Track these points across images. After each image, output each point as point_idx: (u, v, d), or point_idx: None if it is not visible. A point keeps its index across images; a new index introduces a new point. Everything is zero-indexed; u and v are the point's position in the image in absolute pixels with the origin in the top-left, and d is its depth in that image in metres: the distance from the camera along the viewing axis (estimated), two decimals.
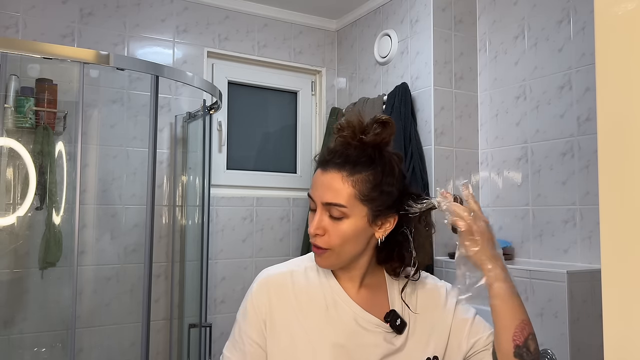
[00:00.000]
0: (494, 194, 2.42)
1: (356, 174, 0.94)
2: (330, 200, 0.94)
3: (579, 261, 2.03)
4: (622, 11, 0.50)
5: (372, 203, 0.95)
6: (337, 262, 0.99)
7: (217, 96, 2.35)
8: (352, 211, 0.94)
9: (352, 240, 0.96)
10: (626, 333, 0.49)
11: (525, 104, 2.29)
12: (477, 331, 1.03)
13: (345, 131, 0.97)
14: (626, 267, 0.49)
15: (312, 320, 0.99)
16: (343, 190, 0.94)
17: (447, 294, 1.07)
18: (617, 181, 0.50)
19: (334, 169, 0.95)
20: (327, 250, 0.96)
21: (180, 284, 2.62)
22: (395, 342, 0.99)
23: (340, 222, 0.95)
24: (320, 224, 0.96)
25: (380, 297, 1.04)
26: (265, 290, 1.02)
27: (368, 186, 0.94)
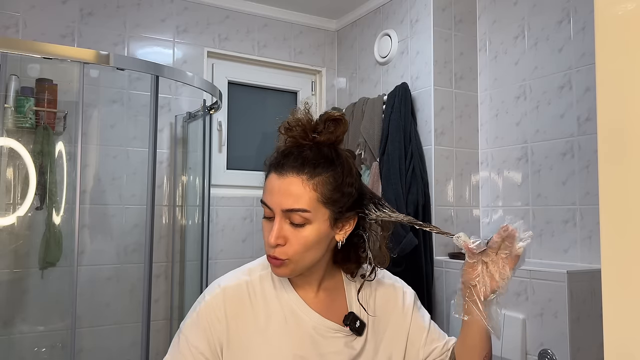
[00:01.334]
0: (494, 194, 2.42)
1: (316, 176, 0.89)
2: (291, 206, 0.88)
3: (579, 261, 2.02)
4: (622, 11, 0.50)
5: (334, 205, 0.90)
6: (295, 271, 0.93)
7: (217, 96, 2.35)
8: (315, 216, 0.89)
9: (314, 246, 0.90)
10: (626, 333, 0.49)
11: (525, 104, 2.29)
12: (434, 339, 1.04)
13: (295, 130, 0.92)
14: (626, 267, 0.49)
15: (271, 333, 0.94)
16: (304, 194, 0.88)
17: (404, 295, 1.06)
18: (617, 181, 0.50)
19: (291, 173, 0.89)
20: (286, 260, 0.90)
21: (180, 284, 2.62)
22: (356, 345, 0.97)
23: (302, 228, 0.89)
24: (280, 232, 0.89)
25: (338, 300, 1.01)
26: (221, 303, 0.94)
27: (329, 188, 0.89)
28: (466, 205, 2.46)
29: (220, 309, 0.94)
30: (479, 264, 0.88)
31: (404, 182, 2.31)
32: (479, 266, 0.88)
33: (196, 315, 0.95)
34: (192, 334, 0.94)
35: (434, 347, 1.03)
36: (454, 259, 2.27)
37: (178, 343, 0.95)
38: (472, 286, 0.88)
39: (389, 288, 1.06)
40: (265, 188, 0.94)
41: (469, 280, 0.89)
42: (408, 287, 1.09)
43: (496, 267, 0.87)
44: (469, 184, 2.48)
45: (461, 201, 2.45)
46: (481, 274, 0.88)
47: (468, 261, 0.90)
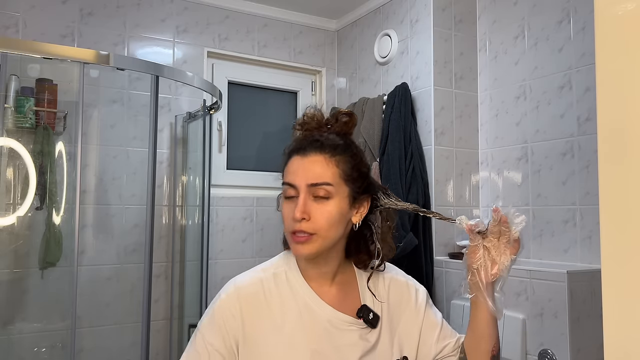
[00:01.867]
0: (494, 194, 2.42)
1: (337, 155, 0.96)
2: (317, 180, 0.94)
3: (579, 261, 2.02)
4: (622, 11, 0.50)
5: (353, 183, 0.97)
6: (321, 248, 0.96)
7: (217, 96, 2.35)
8: (337, 190, 0.95)
9: (336, 223, 0.95)
10: (626, 333, 0.49)
11: (525, 104, 2.29)
12: (446, 336, 1.07)
13: (310, 124, 1.02)
14: (626, 267, 0.49)
15: (287, 328, 0.96)
16: (327, 170, 0.95)
17: (417, 293, 1.09)
18: (617, 181, 0.50)
19: (314, 152, 0.96)
20: (313, 235, 0.94)
21: (180, 284, 2.62)
22: (370, 338, 1.00)
23: (326, 202, 0.94)
24: (305, 207, 0.93)
25: (351, 294, 1.03)
26: (236, 301, 0.97)
27: (349, 166, 0.97)
28: (466, 205, 2.46)
29: (235, 307, 0.96)
30: (480, 248, 0.93)
31: (404, 182, 2.31)
32: (481, 250, 0.93)
33: (212, 314, 0.98)
34: (208, 332, 0.96)
35: (446, 343, 1.05)
36: (454, 259, 2.27)
37: (195, 340, 0.97)
38: (475, 270, 0.93)
39: (402, 285, 1.09)
40: (287, 171, 0.99)
41: (471, 264, 0.94)
42: (420, 285, 1.12)
43: (498, 252, 0.92)
44: (469, 184, 2.48)
45: (461, 201, 2.45)
46: (483, 257, 0.92)
47: (470, 244, 0.94)
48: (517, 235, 0.92)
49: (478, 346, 1.00)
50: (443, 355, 1.05)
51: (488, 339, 0.99)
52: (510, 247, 0.92)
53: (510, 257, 0.91)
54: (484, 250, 0.93)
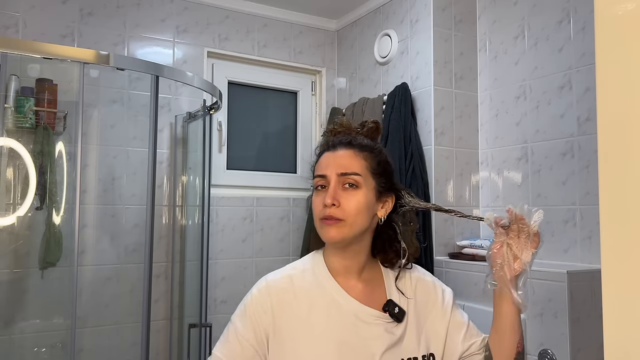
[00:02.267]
0: (494, 194, 2.42)
1: (364, 151, 1.05)
2: (346, 170, 1.01)
3: (579, 261, 2.02)
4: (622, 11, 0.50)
5: (379, 177, 1.04)
6: (349, 234, 1.01)
7: (217, 96, 2.35)
8: (364, 181, 1.02)
9: (363, 211, 1.01)
10: (626, 333, 0.49)
11: (525, 104, 2.29)
12: (472, 335, 1.09)
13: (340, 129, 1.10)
14: (626, 267, 0.49)
15: (315, 321, 1.00)
16: (356, 162, 1.03)
17: (443, 293, 1.12)
18: (617, 181, 0.50)
19: (343, 148, 1.05)
20: (341, 220, 0.99)
21: (180, 284, 2.62)
22: (396, 331, 1.02)
23: (355, 191, 1.01)
24: (335, 195, 1.00)
25: (377, 291, 1.07)
26: (267, 296, 1.02)
27: (375, 161, 1.05)
28: (466, 205, 2.46)
29: (266, 301, 1.02)
30: (504, 244, 0.98)
31: (404, 182, 2.31)
32: (504, 247, 0.98)
33: (244, 308, 1.04)
34: (240, 324, 1.02)
35: (472, 342, 1.08)
36: (454, 259, 2.27)
37: (228, 334, 1.03)
38: (500, 266, 0.98)
39: (429, 285, 1.12)
40: (318, 166, 1.07)
41: (495, 259, 0.99)
42: (447, 286, 1.15)
43: (519, 247, 0.97)
44: (469, 184, 2.48)
45: (461, 201, 2.45)
46: (505, 254, 0.98)
47: (494, 241, 1.00)
48: (536, 229, 0.96)
49: (502, 341, 1.02)
50: (470, 353, 1.07)
51: (512, 334, 1.01)
52: (531, 242, 0.96)
53: (531, 252, 0.96)
54: (506, 246, 0.97)
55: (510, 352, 1.01)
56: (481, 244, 2.21)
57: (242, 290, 1.12)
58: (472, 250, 2.24)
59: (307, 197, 2.98)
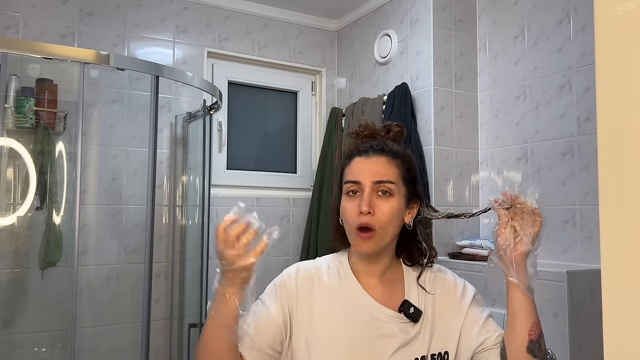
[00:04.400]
0: (494, 194, 2.42)
1: (396, 158, 1.07)
2: (381, 178, 1.03)
3: (579, 261, 2.02)
4: (622, 11, 0.50)
5: (409, 185, 1.07)
6: (380, 245, 1.03)
7: (217, 96, 2.35)
8: (397, 189, 1.04)
9: (395, 219, 1.03)
10: (626, 333, 0.49)
11: (525, 104, 2.29)
12: (488, 330, 1.06)
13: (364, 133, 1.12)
14: (626, 267, 0.49)
15: (332, 316, 1.04)
16: (390, 169, 1.04)
17: (464, 291, 1.11)
18: (617, 181, 0.50)
19: (376, 154, 1.06)
20: (374, 231, 1.01)
21: (180, 284, 2.62)
22: (411, 331, 1.03)
23: (389, 199, 1.03)
24: (370, 202, 1.01)
25: (396, 291, 1.08)
26: (294, 281, 1.07)
27: (406, 167, 1.07)
28: (466, 205, 2.46)
29: (293, 285, 1.07)
30: (507, 226, 0.97)
31: None
32: (507, 228, 0.97)
33: (274, 287, 1.08)
34: (268, 300, 1.06)
35: (487, 336, 1.05)
36: (454, 259, 2.27)
37: (256, 308, 1.05)
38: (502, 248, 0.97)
39: (449, 283, 1.12)
40: (350, 171, 1.07)
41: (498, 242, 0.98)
42: (470, 285, 1.14)
43: (523, 229, 0.96)
44: (468, 184, 2.48)
45: (461, 201, 2.45)
46: (509, 236, 0.97)
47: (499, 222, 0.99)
48: (532, 205, 0.95)
49: (513, 329, 0.99)
50: (484, 348, 1.05)
51: (523, 320, 0.98)
52: (533, 222, 0.96)
53: (533, 231, 0.95)
54: (510, 228, 0.97)
55: (522, 339, 0.97)
56: (481, 244, 2.21)
57: None
58: (472, 250, 2.24)
59: (308, 197, 2.98)
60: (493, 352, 1.03)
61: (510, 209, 0.97)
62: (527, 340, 0.97)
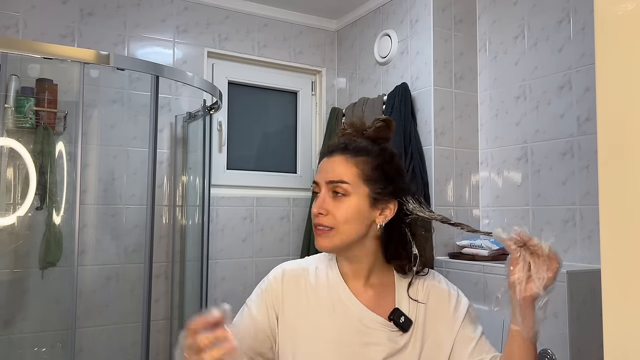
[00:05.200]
0: (494, 194, 2.42)
1: (358, 156, 1.02)
2: (334, 178, 1.01)
3: (579, 261, 2.03)
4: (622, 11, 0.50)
5: (373, 184, 1.01)
6: (340, 243, 1.01)
7: (217, 96, 2.35)
8: (354, 189, 1.00)
9: (354, 219, 1.00)
10: (626, 333, 0.49)
11: (525, 104, 2.29)
12: (481, 351, 1.02)
13: (349, 130, 1.08)
14: (626, 267, 0.49)
15: (319, 319, 1.02)
16: (347, 169, 1.01)
17: (457, 302, 1.06)
18: (617, 181, 0.50)
19: (337, 153, 1.03)
20: (331, 229, 1.00)
21: (180, 284, 2.62)
22: (399, 341, 1.00)
23: (343, 199, 1.00)
24: (323, 204, 1.01)
25: (387, 298, 1.05)
26: (280, 281, 1.06)
27: (369, 167, 1.01)
28: (466, 206, 2.46)
29: (279, 287, 1.05)
30: (520, 261, 0.88)
31: None
32: (520, 264, 0.88)
33: (260, 291, 1.07)
34: (253, 305, 1.05)
35: (479, 358, 1.00)
36: (454, 259, 2.27)
37: (242, 314, 1.06)
38: (513, 285, 0.88)
39: (443, 293, 1.07)
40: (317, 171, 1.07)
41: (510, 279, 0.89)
42: (464, 297, 1.09)
43: (536, 268, 0.88)
44: (469, 184, 2.48)
45: (461, 201, 2.45)
46: (522, 274, 0.88)
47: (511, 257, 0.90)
48: (546, 249, 0.87)
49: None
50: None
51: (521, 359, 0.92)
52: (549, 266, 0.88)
53: (547, 275, 0.87)
54: (523, 264, 0.88)
55: None
56: (481, 244, 2.21)
57: (242, 290, 1.14)
58: (472, 250, 2.24)
59: (308, 197, 2.98)
60: None
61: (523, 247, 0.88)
62: None
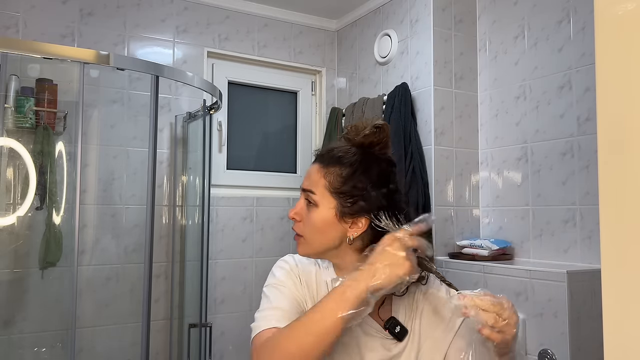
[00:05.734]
0: (494, 194, 2.42)
1: (329, 166, 1.00)
2: (305, 187, 1.02)
3: (579, 261, 2.03)
4: (622, 11, 0.50)
5: (340, 198, 0.98)
6: (310, 252, 1.03)
7: (217, 96, 2.35)
8: (320, 200, 0.99)
9: (320, 231, 0.99)
10: (626, 333, 0.49)
11: (525, 104, 2.29)
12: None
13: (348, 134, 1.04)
14: (626, 267, 0.49)
15: None
16: (318, 179, 1.00)
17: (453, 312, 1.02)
18: (617, 181, 0.50)
19: (316, 161, 1.04)
20: (301, 237, 1.02)
21: (180, 284, 2.62)
22: (393, 349, 1.00)
23: (311, 209, 1.00)
24: (297, 209, 1.03)
25: (384, 305, 1.04)
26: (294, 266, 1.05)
27: (339, 180, 0.98)
28: (466, 205, 2.47)
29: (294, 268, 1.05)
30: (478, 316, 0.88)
31: (404, 183, 2.31)
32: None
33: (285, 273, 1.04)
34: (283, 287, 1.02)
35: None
36: (454, 259, 2.27)
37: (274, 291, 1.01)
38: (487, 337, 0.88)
39: (441, 301, 1.06)
40: None
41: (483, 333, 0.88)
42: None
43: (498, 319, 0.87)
44: (469, 184, 2.48)
45: (461, 201, 2.45)
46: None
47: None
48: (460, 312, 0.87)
49: None
50: None
51: None
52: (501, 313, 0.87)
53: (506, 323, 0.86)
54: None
55: None
56: (481, 244, 2.22)
57: (242, 290, 1.13)
58: (472, 250, 2.24)
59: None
60: None
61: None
62: None
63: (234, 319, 2.70)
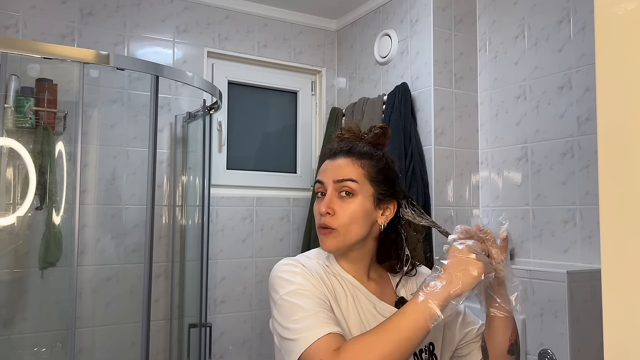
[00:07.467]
0: (494, 194, 2.42)
1: (363, 158, 1.06)
2: (343, 177, 1.03)
3: (579, 261, 2.03)
4: (622, 11, 0.50)
5: (378, 185, 1.05)
6: (342, 244, 1.03)
7: (217, 96, 2.35)
8: (361, 189, 1.03)
9: (359, 220, 1.02)
10: (626, 333, 0.49)
11: (525, 104, 2.29)
12: (469, 323, 1.14)
13: (346, 135, 1.11)
14: (626, 267, 0.49)
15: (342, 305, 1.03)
16: (353, 169, 1.04)
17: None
18: (617, 181, 0.50)
19: (342, 155, 1.06)
20: (334, 230, 1.02)
21: (180, 284, 2.62)
22: None
23: (350, 200, 1.02)
24: (330, 203, 1.03)
25: (387, 289, 1.12)
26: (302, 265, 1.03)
27: (374, 169, 1.05)
28: (466, 205, 2.46)
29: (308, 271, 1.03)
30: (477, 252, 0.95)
31: (404, 182, 2.31)
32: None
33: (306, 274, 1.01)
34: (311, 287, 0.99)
35: (469, 329, 1.12)
36: None
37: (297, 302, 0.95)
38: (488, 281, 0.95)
39: None
40: (319, 172, 1.09)
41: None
42: None
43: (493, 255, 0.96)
44: (469, 184, 2.48)
45: (461, 201, 2.45)
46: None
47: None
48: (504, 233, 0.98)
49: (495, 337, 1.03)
50: (467, 341, 1.12)
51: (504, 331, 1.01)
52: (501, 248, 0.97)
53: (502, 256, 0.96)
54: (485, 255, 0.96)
55: (503, 345, 1.02)
56: None
57: (242, 290, 1.13)
58: None
59: (308, 197, 2.98)
60: (474, 345, 1.11)
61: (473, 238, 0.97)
62: (508, 344, 1.03)
63: (234, 319, 2.70)
